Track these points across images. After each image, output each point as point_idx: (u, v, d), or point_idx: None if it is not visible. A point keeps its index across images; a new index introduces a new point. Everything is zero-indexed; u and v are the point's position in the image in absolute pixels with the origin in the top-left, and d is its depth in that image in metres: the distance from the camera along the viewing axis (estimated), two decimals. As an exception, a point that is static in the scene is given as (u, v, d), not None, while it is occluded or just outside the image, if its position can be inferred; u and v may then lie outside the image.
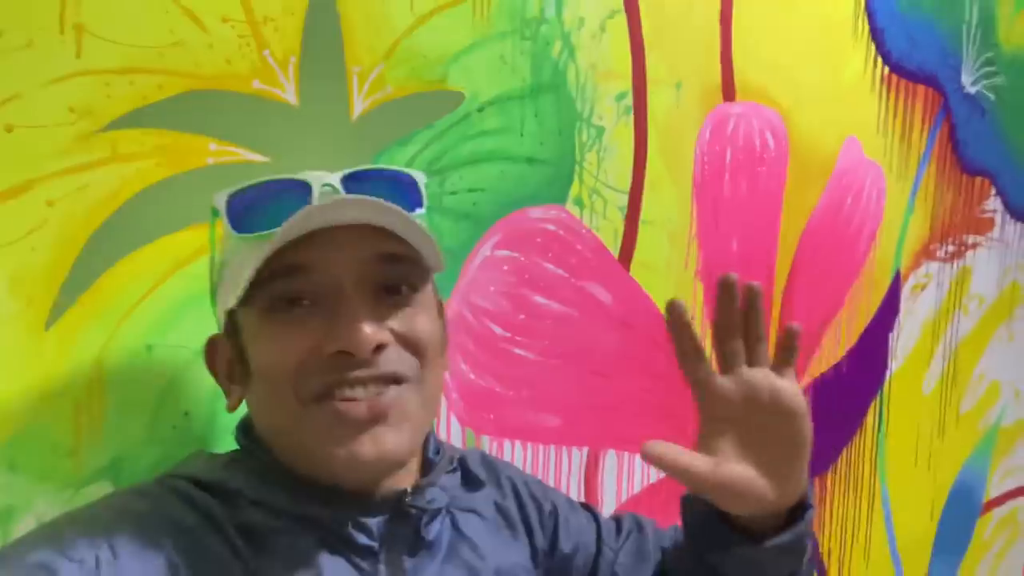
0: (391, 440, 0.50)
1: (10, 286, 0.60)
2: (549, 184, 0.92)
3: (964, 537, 1.67)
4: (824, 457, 1.33)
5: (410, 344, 0.51)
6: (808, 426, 0.52)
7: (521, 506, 0.64)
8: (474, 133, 0.85)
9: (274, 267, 0.49)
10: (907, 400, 1.48)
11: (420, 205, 0.55)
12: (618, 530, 0.69)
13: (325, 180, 0.52)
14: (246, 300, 0.51)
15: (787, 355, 0.53)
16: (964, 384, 1.62)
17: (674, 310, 0.51)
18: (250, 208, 0.51)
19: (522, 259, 0.90)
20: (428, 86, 0.81)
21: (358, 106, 0.77)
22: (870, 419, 1.40)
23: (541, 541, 0.64)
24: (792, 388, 0.52)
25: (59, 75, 0.61)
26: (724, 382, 0.52)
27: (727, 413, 0.52)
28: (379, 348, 0.49)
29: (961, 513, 1.64)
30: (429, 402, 0.54)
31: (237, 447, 0.57)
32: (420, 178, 0.56)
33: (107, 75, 0.63)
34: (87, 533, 0.46)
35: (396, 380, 0.50)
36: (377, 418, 0.49)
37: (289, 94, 0.72)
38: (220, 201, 0.52)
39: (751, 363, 0.52)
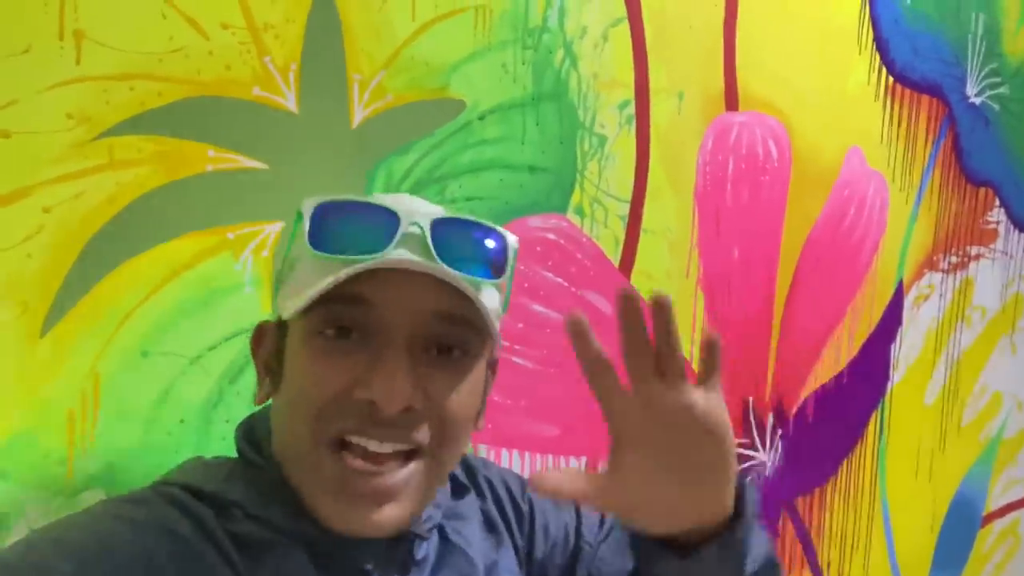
0: (388, 515, 0.49)
1: (5, 292, 0.60)
2: (550, 193, 0.91)
3: (964, 549, 1.66)
4: (824, 468, 1.32)
5: (439, 418, 0.50)
6: (729, 443, 0.48)
7: (500, 508, 0.64)
8: (475, 141, 0.84)
9: (335, 290, 0.48)
10: (908, 411, 1.47)
11: (502, 273, 0.52)
12: (600, 525, 0.68)
13: (414, 218, 0.49)
14: (300, 312, 0.49)
15: (707, 368, 0.47)
16: (966, 396, 1.61)
17: (572, 325, 0.46)
18: (333, 226, 0.49)
19: (521, 268, 0.90)
20: (429, 94, 0.81)
21: (358, 114, 0.76)
22: (871, 430, 1.40)
23: (520, 541, 0.64)
24: (707, 403, 0.47)
25: (58, 81, 0.61)
26: (628, 397, 0.47)
27: (632, 430, 0.47)
28: (407, 409, 0.48)
29: (961, 525, 1.63)
30: (441, 476, 0.53)
31: (235, 452, 0.57)
32: (512, 242, 0.53)
33: (106, 81, 0.63)
34: (81, 539, 0.45)
35: (412, 450, 0.50)
36: (380, 501, 0.48)
37: (289, 101, 0.72)
38: (307, 208, 0.50)
39: (663, 376, 0.46)
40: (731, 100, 1.09)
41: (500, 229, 0.53)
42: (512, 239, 0.54)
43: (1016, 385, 1.73)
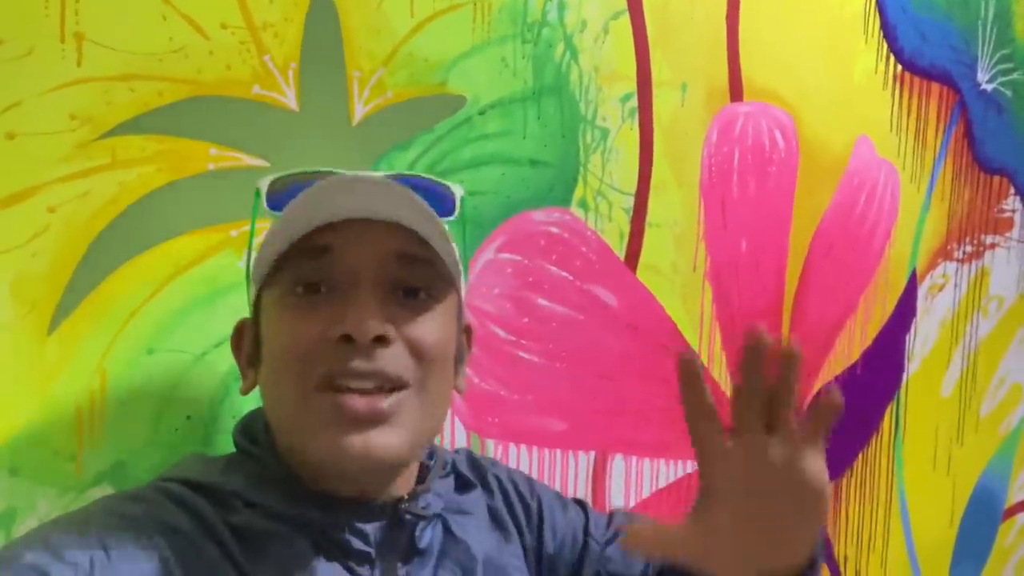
0: (382, 442, 0.49)
1: (12, 292, 0.61)
2: (552, 187, 0.91)
3: (985, 544, 1.63)
4: (840, 461, 1.31)
5: (414, 349, 0.51)
6: (825, 504, 0.46)
7: (509, 505, 0.64)
8: (475, 136, 0.85)
9: (297, 247, 0.49)
10: (925, 403, 1.45)
11: (451, 213, 0.57)
12: (608, 524, 0.69)
13: (365, 178, 0.55)
14: (269, 283, 0.52)
15: (818, 427, 0.45)
16: (984, 387, 1.59)
17: (685, 364, 0.44)
18: (291, 192, 0.54)
19: (525, 262, 0.90)
20: (429, 90, 0.81)
21: (359, 111, 0.77)
22: (887, 422, 1.38)
23: (529, 539, 0.64)
24: (815, 467, 0.45)
25: (60, 83, 0.62)
26: (728, 447, 0.45)
27: (728, 482, 0.45)
28: (382, 340, 0.49)
29: (982, 519, 1.61)
30: (432, 411, 0.53)
31: (235, 449, 0.57)
32: (458, 191, 0.58)
33: (107, 82, 0.64)
34: (80, 536, 0.46)
35: (396, 384, 0.51)
36: (375, 419, 0.49)
37: (290, 99, 0.73)
38: (263, 183, 0.56)
39: (771, 430, 0.45)
40: (735, 91, 1.09)
41: (445, 181, 0.58)
42: (458, 187, 0.58)
43: (1036, 376, 1.70)
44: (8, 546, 0.46)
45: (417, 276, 0.52)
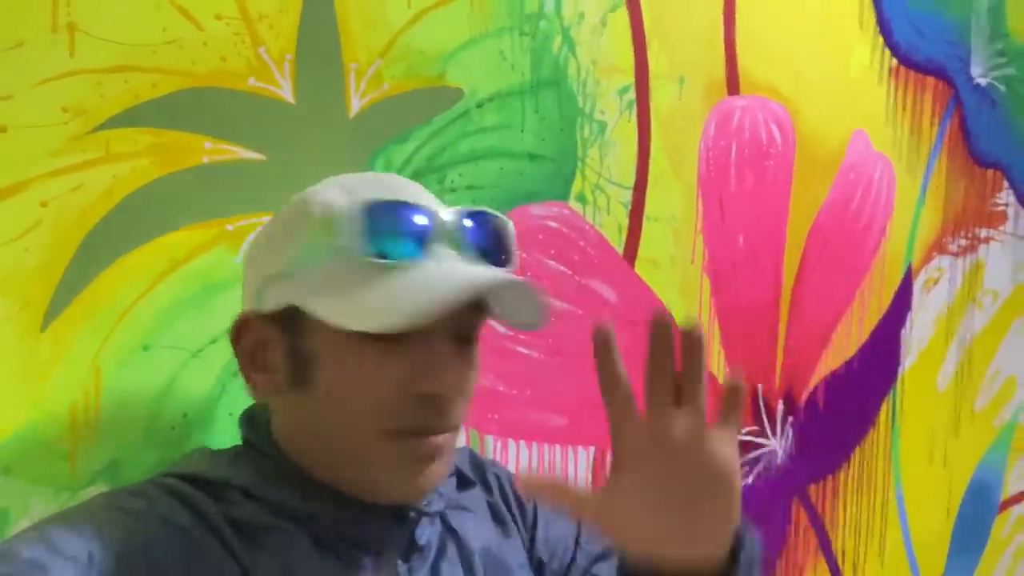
0: (439, 475, 0.53)
1: (5, 287, 0.60)
2: (550, 180, 0.91)
3: (981, 536, 1.64)
4: (836, 455, 1.31)
5: (468, 396, 0.54)
6: (735, 486, 0.45)
7: (507, 504, 0.65)
8: (473, 130, 0.84)
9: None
10: (921, 397, 1.46)
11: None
12: (604, 554, 0.68)
13: (451, 217, 0.51)
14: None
15: (728, 409, 0.46)
16: (979, 380, 1.59)
17: (599, 334, 0.45)
18: (385, 227, 0.49)
19: (524, 257, 0.89)
20: (426, 83, 0.80)
21: (355, 103, 0.76)
22: (883, 416, 1.38)
23: (524, 538, 0.65)
24: (724, 449, 0.45)
25: (52, 75, 0.60)
26: (639, 422, 0.45)
27: (638, 455, 0.45)
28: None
29: (978, 512, 1.61)
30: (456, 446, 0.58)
31: (239, 441, 0.57)
32: (511, 226, 0.56)
33: (100, 74, 0.62)
34: (80, 531, 0.45)
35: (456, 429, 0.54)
36: (436, 458, 0.52)
37: (285, 92, 0.72)
38: (355, 209, 0.49)
39: (680, 407, 0.45)
40: (732, 84, 1.08)
41: (498, 213, 0.55)
42: (511, 224, 0.56)
43: (1030, 369, 1.71)
44: (7, 542, 0.45)
45: (478, 323, 0.54)
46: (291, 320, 0.51)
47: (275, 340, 0.52)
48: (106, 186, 0.63)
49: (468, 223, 0.52)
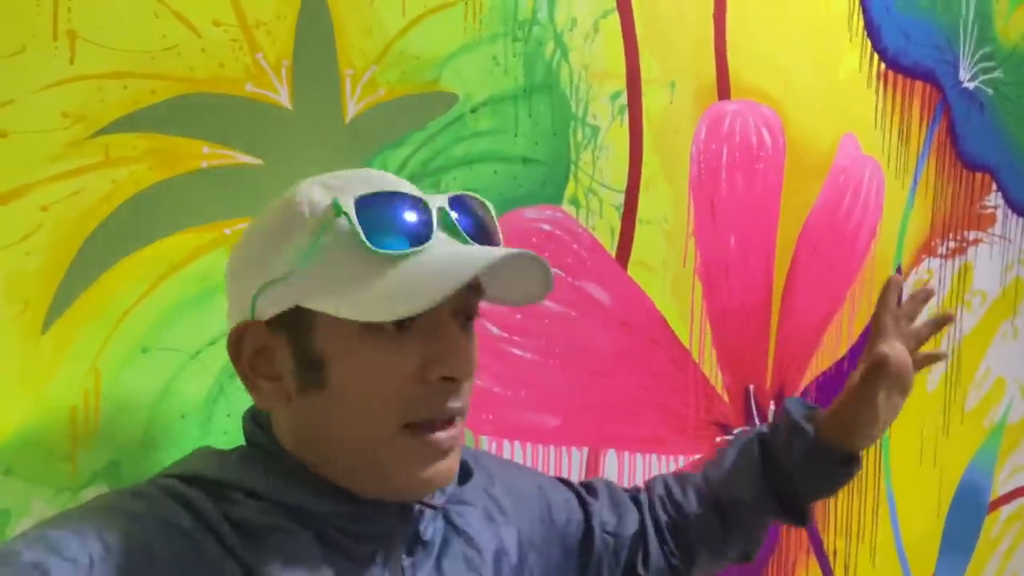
0: (454, 465, 0.53)
1: (6, 290, 0.60)
2: (544, 184, 0.92)
3: (972, 535, 1.65)
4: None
5: (472, 378, 0.54)
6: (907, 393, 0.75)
7: (507, 493, 0.66)
8: (468, 134, 0.85)
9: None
10: (911, 397, 1.45)
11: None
12: (593, 494, 0.74)
13: (438, 203, 0.52)
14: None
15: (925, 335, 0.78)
16: (969, 381, 1.61)
17: (893, 281, 0.78)
18: (381, 220, 0.50)
19: (518, 259, 0.90)
20: (421, 88, 0.81)
21: (351, 108, 0.77)
22: (874, 417, 1.39)
23: (530, 524, 0.65)
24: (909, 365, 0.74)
25: (52, 80, 0.61)
26: (896, 316, 0.76)
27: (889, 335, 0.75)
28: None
29: (968, 511, 1.63)
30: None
31: (237, 442, 0.57)
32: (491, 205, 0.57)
33: (100, 80, 0.63)
34: (80, 533, 0.46)
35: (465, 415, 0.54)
36: (451, 449, 0.53)
37: (282, 97, 0.73)
38: (346, 201, 0.49)
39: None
40: (723, 89, 1.10)
41: (477, 196, 0.56)
42: (489, 203, 0.57)
43: (1019, 370, 1.73)
44: (8, 544, 0.45)
45: (476, 303, 0.54)
46: (296, 323, 0.51)
47: (279, 346, 0.52)
48: (106, 190, 0.64)
49: (455, 207, 0.52)
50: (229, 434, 0.70)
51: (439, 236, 0.51)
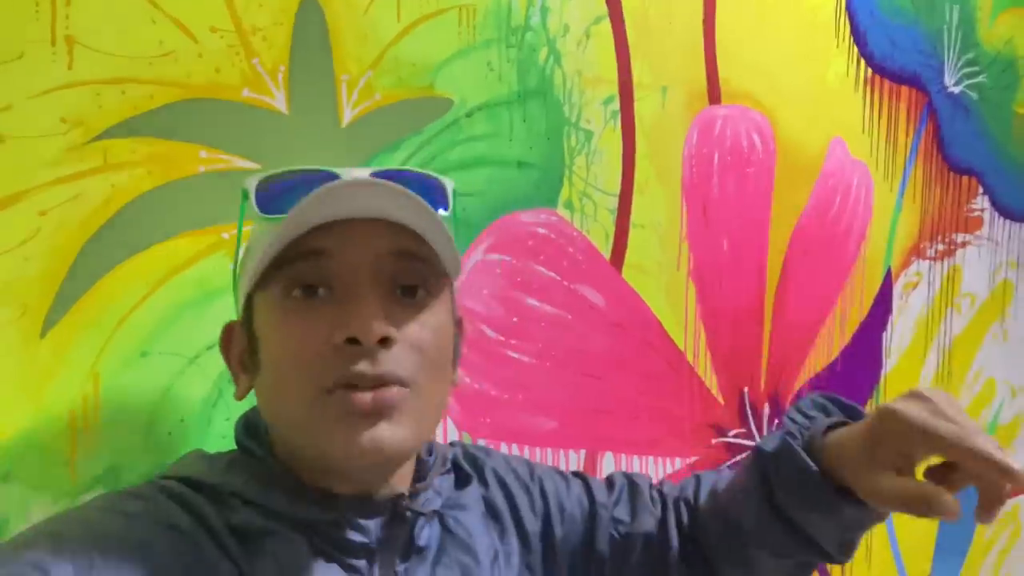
0: (388, 435, 0.49)
1: (4, 295, 0.60)
2: (538, 188, 0.93)
3: (966, 537, 1.66)
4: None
5: (416, 347, 0.51)
6: None
7: (508, 496, 0.64)
8: (463, 138, 0.86)
9: (293, 250, 0.49)
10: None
11: (445, 207, 0.55)
12: (609, 488, 0.70)
13: (355, 174, 0.52)
14: (263, 284, 0.51)
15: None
16: (959, 382, 1.62)
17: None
18: (280, 192, 0.52)
19: (514, 262, 0.91)
20: (416, 93, 0.82)
21: (347, 113, 0.77)
22: (867, 418, 1.40)
23: (533, 524, 0.64)
24: None
25: (50, 86, 0.62)
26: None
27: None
28: (385, 342, 0.49)
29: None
30: (431, 410, 0.54)
31: (235, 448, 0.57)
32: (449, 184, 0.56)
33: (98, 85, 0.64)
34: (80, 533, 0.46)
35: (399, 382, 0.50)
36: (381, 412, 0.49)
37: (279, 102, 0.73)
38: (251, 183, 0.52)
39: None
40: (714, 94, 1.11)
41: (434, 173, 0.56)
42: (448, 180, 0.57)
43: (1009, 371, 1.75)
44: (7, 543, 0.45)
45: (415, 274, 0.52)
46: (247, 313, 0.54)
47: (246, 336, 0.54)
48: (104, 195, 0.64)
49: (376, 175, 0.52)
50: (228, 438, 0.70)
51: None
